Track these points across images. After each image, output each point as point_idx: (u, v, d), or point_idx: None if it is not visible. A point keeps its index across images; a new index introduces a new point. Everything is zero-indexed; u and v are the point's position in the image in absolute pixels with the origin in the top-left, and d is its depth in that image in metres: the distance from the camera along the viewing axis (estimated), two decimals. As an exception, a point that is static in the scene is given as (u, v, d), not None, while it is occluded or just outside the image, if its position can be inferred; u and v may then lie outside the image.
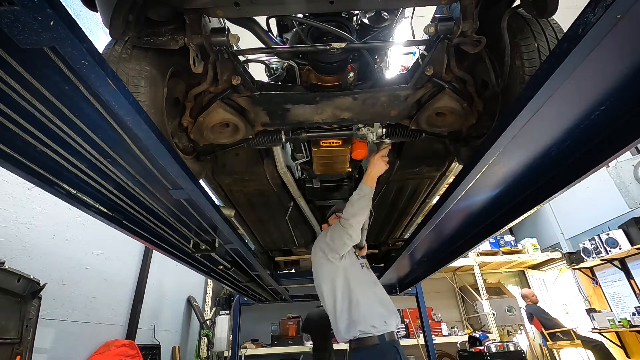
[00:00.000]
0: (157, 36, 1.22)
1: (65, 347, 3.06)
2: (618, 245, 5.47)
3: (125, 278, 4.20)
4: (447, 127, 1.61)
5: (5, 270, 2.01)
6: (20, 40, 0.67)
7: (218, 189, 2.26)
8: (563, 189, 1.26)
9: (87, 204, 1.43)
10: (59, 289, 3.02)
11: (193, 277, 6.33)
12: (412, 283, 3.98)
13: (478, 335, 5.90)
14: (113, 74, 0.82)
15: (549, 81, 0.82)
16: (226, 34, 1.27)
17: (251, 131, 1.62)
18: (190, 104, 1.48)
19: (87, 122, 0.99)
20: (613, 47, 0.75)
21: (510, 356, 5.28)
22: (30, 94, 0.87)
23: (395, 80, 1.55)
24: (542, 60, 1.13)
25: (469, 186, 1.38)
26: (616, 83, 0.90)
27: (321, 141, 1.79)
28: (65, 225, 3.22)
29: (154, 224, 1.77)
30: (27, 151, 1.08)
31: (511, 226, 1.78)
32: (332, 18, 1.41)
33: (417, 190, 2.42)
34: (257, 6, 1.20)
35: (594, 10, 0.67)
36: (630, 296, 5.90)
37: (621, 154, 1.01)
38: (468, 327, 7.49)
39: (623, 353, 5.83)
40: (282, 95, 1.48)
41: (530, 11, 1.11)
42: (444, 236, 2.31)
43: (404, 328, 6.73)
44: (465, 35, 1.26)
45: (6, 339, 1.96)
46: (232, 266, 2.65)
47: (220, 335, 5.54)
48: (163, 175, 1.28)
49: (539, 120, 0.99)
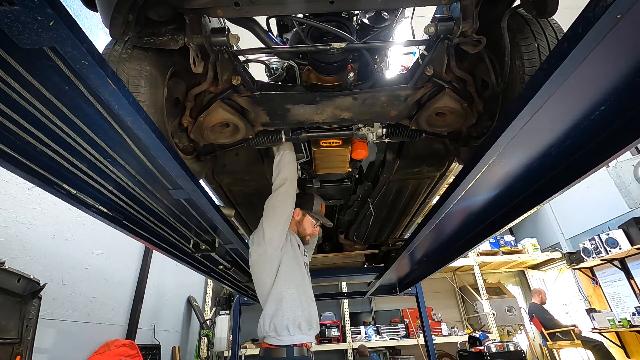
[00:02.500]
0: (157, 36, 1.22)
1: (66, 347, 3.06)
2: (618, 245, 5.47)
3: (125, 278, 4.20)
4: (447, 127, 1.61)
5: (5, 270, 2.01)
6: (20, 40, 0.67)
7: (218, 189, 2.26)
8: (563, 189, 1.25)
9: (87, 204, 1.43)
10: (59, 289, 3.02)
11: (193, 277, 6.33)
12: (412, 283, 3.98)
13: (478, 335, 5.89)
14: (113, 74, 0.82)
15: (549, 81, 0.82)
16: (226, 34, 1.27)
17: (251, 131, 1.62)
18: (190, 104, 1.48)
19: (87, 122, 0.99)
20: (613, 47, 0.75)
21: (510, 356, 5.28)
22: (30, 94, 0.87)
23: (395, 80, 1.55)
24: (542, 60, 1.13)
25: (469, 186, 1.38)
26: (616, 83, 0.90)
27: (321, 141, 1.80)
28: (65, 225, 3.22)
29: (154, 224, 1.77)
30: (27, 151, 1.08)
31: (511, 226, 1.77)
32: (332, 18, 1.41)
33: (417, 190, 2.42)
34: (257, 6, 1.20)
35: (594, 10, 0.67)
36: (630, 296, 5.90)
37: (621, 154, 1.01)
38: (468, 327, 7.49)
39: (623, 353, 5.83)
40: (282, 95, 1.48)
41: (530, 11, 1.11)
42: (444, 236, 2.31)
43: (404, 328, 6.74)
44: (465, 35, 1.26)
45: (6, 339, 1.95)
46: (232, 266, 2.65)
47: (220, 335, 5.54)
48: (163, 175, 1.28)
49: (539, 120, 0.99)
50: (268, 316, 1.69)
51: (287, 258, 1.78)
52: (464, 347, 5.98)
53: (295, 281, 1.77)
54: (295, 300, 1.71)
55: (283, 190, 1.76)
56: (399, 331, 6.75)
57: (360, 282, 6.20)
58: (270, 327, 1.67)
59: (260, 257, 1.76)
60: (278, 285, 1.72)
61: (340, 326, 6.77)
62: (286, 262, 1.77)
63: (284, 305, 1.68)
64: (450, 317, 7.70)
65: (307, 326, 1.72)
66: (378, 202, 2.50)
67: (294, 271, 1.79)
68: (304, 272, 1.87)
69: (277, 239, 1.74)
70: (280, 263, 1.75)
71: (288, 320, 1.67)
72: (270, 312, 1.69)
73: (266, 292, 1.73)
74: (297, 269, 1.81)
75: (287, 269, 1.76)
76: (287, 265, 1.76)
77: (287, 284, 1.73)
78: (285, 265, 1.76)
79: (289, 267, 1.77)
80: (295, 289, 1.74)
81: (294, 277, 1.77)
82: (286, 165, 1.78)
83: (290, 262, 1.79)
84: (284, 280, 1.73)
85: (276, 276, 1.73)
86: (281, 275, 1.73)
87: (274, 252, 1.74)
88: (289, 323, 1.66)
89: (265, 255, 1.74)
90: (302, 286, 1.79)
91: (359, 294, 4.91)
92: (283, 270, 1.74)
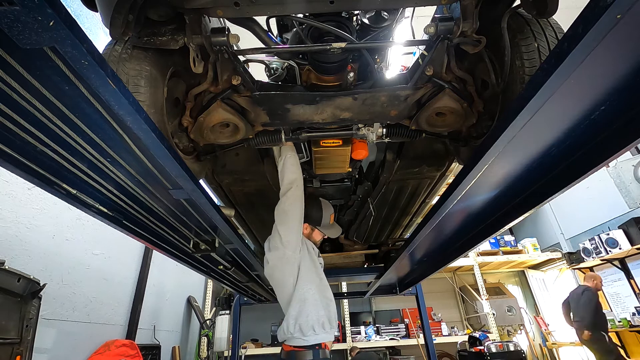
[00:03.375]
0: (157, 36, 1.22)
1: (66, 347, 3.06)
2: (618, 245, 5.47)
3: (125, 278, 4.20)
4: (447, 127, 1.61)
5: (5, 270, 2.01)
6: (20, 40, 0.67)
7: (218, 189, 2.26)
8: (563, 189, 1.25)
9: (87, 204, 1.43)
10: (59, 289, 3.02)
11: (193, 277, 6.33)
12: (412, 283, 3.98)
13: (478, 335, 5.90)
14: (113, 74, 0.82)
15: (549, 81, 0.82)
16: (226, 34, 1.27)
17: (251, 131, 1.62)
18: (190, 104, 1.48)
19: (87, 122, 0.99)
20: (613, 47, 0.75)
21: (510, 356, 5.28)
22: (30, 94, 0.87)
23: (395, 80, 1.55)
24: (542, 60, 1.13)
25: (469, 186, 1.38)
26: (616, 83, 0.89)
27: (321, 141, 1.80)
28: (65, 225, 3.22)
29: (154, 224, 1.77)
30: (27, 151, 1.08)
31: (511, 226, 1.77)
32: (332, 18, 1.41)
33: (417, 190, 2.42)
34: (257, 6, 1.20)
35: (594, 10, 0.67)
36: (630, 296, 5.90)
37: (621, 154, 1.01)
38: (468, 327, 7.49)
39: (623, 353, 5.83)
40: (282, 95, 1.48)
41: (530, 11, 1.11)
42: (444, 236, 2.31)
43: (404, 328, 6.74)
44: (465, 35, 1.26)
45: (6, 339, 1.96)
46: (232, 266, 2.65)
47: (220, 335, 5.54)
48: (163, 175, 1.28)
49: (539, 120, 0.99)
50: (292, 317, 1.73)
51: (305, 260, 1.83)
52: (464, 347, 5.98)
53: (315, 282, 1.82)
54: (318, 300, 1.77)
55: (291, 194, 1.80)
56: (399, 331, 6.75)
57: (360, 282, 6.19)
58: (295, 328, 1.71)
59: (279, 261, 1.80)
60: (300, 286, 1.76)
61: (340, 326, 6.77)
62: (305, 265, 1.82)
63: (307, 305, 1.73)
64: (450, 317, 7.70)
65: (330, 325, 1.78)
66: (378, 202, 2.50)
67: (313, 273, 1.84)
68: (321, 273, 1.93)
69: (294, 241, 1.79)
70: (300, 265, 1.80)
71: (313, 320, 1.71)
72: (294, 313, 1.73)
73: (289, 295, 1.77)
74: (315, 271, 1.87)
75: (307, 270, 1.81)
76: (306, 268, 1.81)
77: (308, 284, 1.78)
78: (305, 268, 1.81)
79: (309, 269, 1.82)
80: (316, 289, 1.79)
81: (314, 278, 1.82)
82: (290, 168, 1.81)
83: (309, 264, 1.84)
84: (305, 282, 1.78)
85: (297, 278, 1.78)
86: (302, 277, 1.78)
87: (293, 254, 1.79)
88: (314, 323, 1.71)
89: (285, 258, 1.78)
90: (321, 286, 1.85)
91: (359, 294, 4.91)
92: (303, 272, 1.79)
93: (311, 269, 1.84)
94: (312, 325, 1.70)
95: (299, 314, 1.72)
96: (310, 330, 1.70)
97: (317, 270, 1.90)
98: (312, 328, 1.70)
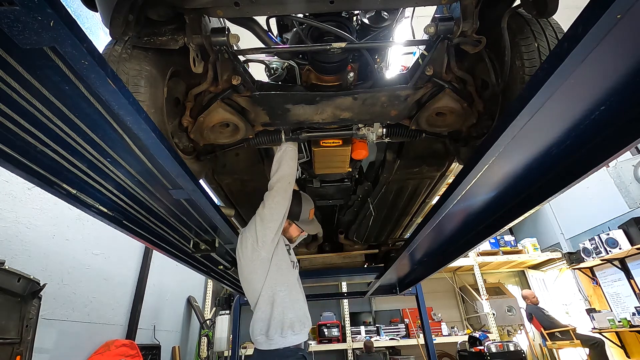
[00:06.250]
0: (157, 36, 1.22)
1: (66, 347, 3.06)
2: (618, 245, 5.47)
3: (125, 278, 4.20)
4: (447, 127, 1.61)
5: (5, 270, 2.01)
6: (20, 40, 0.67)
7: (218, 189, 2.26)
8: (563, 189, 1.25)
9: (87, 204, 1.43)
10: (59, 289, 3.02)
11: (193, 277, 6.33)
12: (412, 283, 3.98)
13: (478, 335, 5.89)
14: (113, 74, 0.82)
15: (549, 81, 0.82)
16: (226, 34, 1.27)
17: (251, 131, 1.62)
18: (190, 103, 1.48)
19: (87, 122, 0.99)
20: (613, 47, 0.75)
21: (510, 356, 5.28)
22: (30, 94, 0.87)
23: (395, 80, 1.55)
24: (542, 60, 1.13)
25: (469, 186, 1.38)
26: (616, 83, 0.90)
27: (321, 141, 1.79)
28: (65, 225, 3.21)
29: (154, 224, 1.77)
30: (27, 151, 1.08)
31: (511, 226, 1.77)
32: (332, 18, 1.41)
33: (417, 190, 2.42)
34: (257, 6, 1.20)
35: (594, 10, 0.67)
36: (630, 296, 5.90)
37: (621, 154, 1.01)
38: (468, 327, 7.49)
39: (623, 353, 5.83)
40: (282, 95, 1.48)
41: (530, 11, 1.11)
42: (444, 236, 2.31)
43: (404, 328, 6.75)
44: (466, 35, 1.26)
45: (6, 339, 1.95)
46: (232, 266, 2.65)
47: (220, 335, 5.54)
48: (163, 175, 1.28)
49: (539, 120, 0.99)
50: (259, 320, 1.65)
51: (276, 259, 1.72)
52: (464, 347, 5.98)
53: (285, 282, 1.72)
54: (287, 303, 1.67)
55: (280, 189, 1.70)
56: (399, 331, 6.75)
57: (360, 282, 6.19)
58: (260, 332, 1.64)
59: (252, 262, 1.70)
60: (268, 287, 1.67)
61: (340, 326, 6.77)
62: (276, 264, 1.71)
63: (275, 308, 1.64)
64: (450, 317, 7.70)
65: (300, 326, 1.69)
66: (378, 202, 2.50)
67: (283, 272, 1.74)
68: (293, 271, 1.83)
69: (270, 242, 1.68)
70: (270, 265, 1.70)
71: (280, 324, 1.62)
72: (261, 316, 1.64)
73: (256, 296, 1.67)
74: (286, 269, 1.76)
75: (277, 270, 1.71)
76: (277, 267, 1.71)
77: (277, 286, 1.68)
78: (276, 267, 1.71)
79: (279, 269, 1.72)
80: (285, 290, 1.69)
81: (283, 278, 1.72)
82: (287, 161, 1.72)
83: (280, 264, 1.74)
84: (274, 283, 1.68)
85: (266, 278, 1.68)
86: (271, 278, 1.68)
87: (267, 255, 1.69)
88: (282, 326, 1.62)
89: (259, 259, 1.68)
90: (291, 286, 1.75)
91: (359, 294, 4.91)
92: (273, 272, 1.69)
93: (282, 269, 1.73)
94: (280, 329, 1.61)
95: (265, 317, 1.63)
96: (277, 334, 1.61)
97: (289, 268, 1.79)
98: (280, 332, 1.61)
